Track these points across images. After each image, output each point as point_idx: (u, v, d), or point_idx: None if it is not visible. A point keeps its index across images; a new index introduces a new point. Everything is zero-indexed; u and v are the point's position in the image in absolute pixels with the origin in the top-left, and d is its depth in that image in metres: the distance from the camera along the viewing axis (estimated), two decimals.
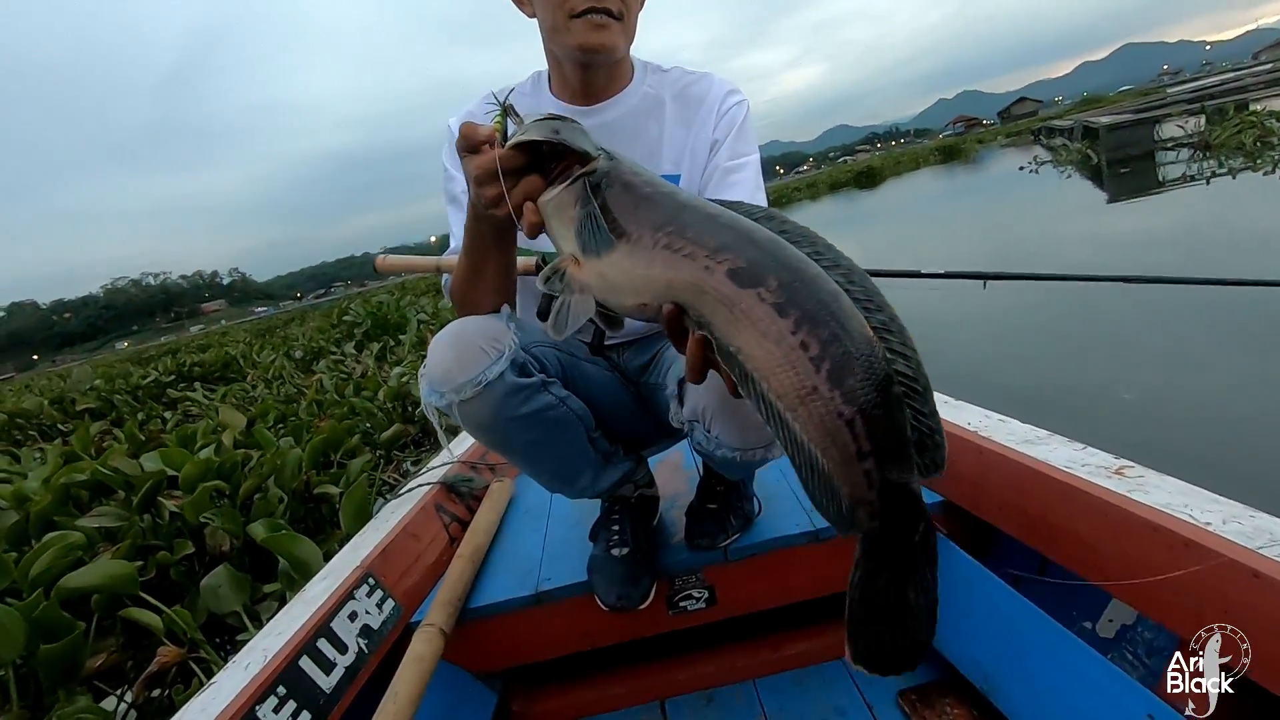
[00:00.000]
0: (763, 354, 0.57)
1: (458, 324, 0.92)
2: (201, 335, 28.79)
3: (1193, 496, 0.89)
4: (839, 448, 0.56)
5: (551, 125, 0.71)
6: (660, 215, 0.64)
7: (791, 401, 0.56)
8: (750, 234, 0.61)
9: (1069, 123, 16.82)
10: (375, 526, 1.33)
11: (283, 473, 2.52)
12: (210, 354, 10.49)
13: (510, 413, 0.91)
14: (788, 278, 0.57)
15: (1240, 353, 2.75)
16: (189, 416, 6.42)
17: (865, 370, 0.54)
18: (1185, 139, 10.05)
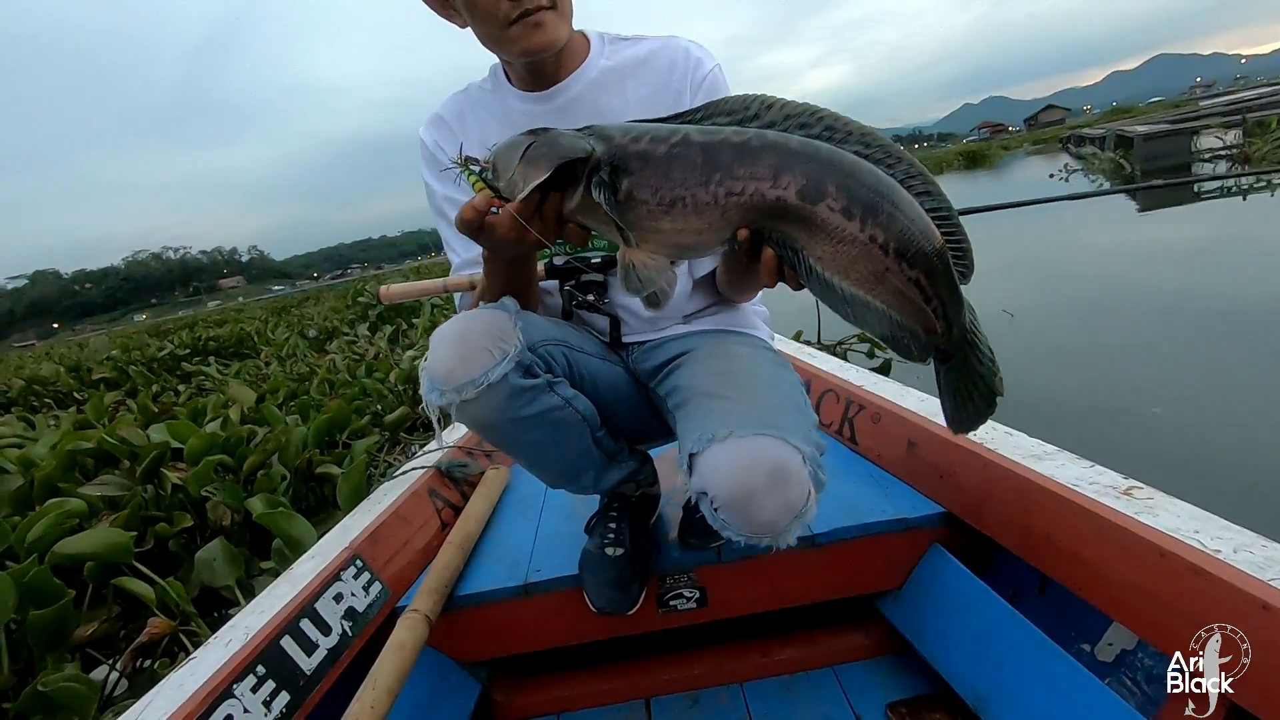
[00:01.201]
0: (841, 255, 0.68)
1: (461, 320, 0.90)
2: (218, 311, 29.14)
3: (1203, 522, 0.85)
4: (911, 302, 0.69)
5: (536, 152, 0.72)
6: (700, 167, 0.69)
7: (870, 285, 0.69)
8: (786, 145, 0.68)
9: (1100, 131, 16.53)
10: (367, 508, 1.32)
11: (287, 450, 2.53)
12: (226, 329, 10.61)
13: (513, 414, 0.89)
14: (840, 178, 0.66)
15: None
16: (202, 390, 6.49)
17: (919, 233, 0.66)
18: (1224, 150, 9.82)
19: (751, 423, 0.81)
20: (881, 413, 1.41)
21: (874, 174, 0.67)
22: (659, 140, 0.71)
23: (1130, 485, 1.00)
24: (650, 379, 1.10)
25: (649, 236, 0.73)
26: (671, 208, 0.70)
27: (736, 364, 0.99)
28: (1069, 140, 22.78)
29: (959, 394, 0.78)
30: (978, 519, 1.14)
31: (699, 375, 0.97)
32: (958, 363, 0.75)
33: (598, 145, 0.72)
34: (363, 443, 2.70)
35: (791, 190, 0.67)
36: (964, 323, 0.72)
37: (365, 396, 4.05)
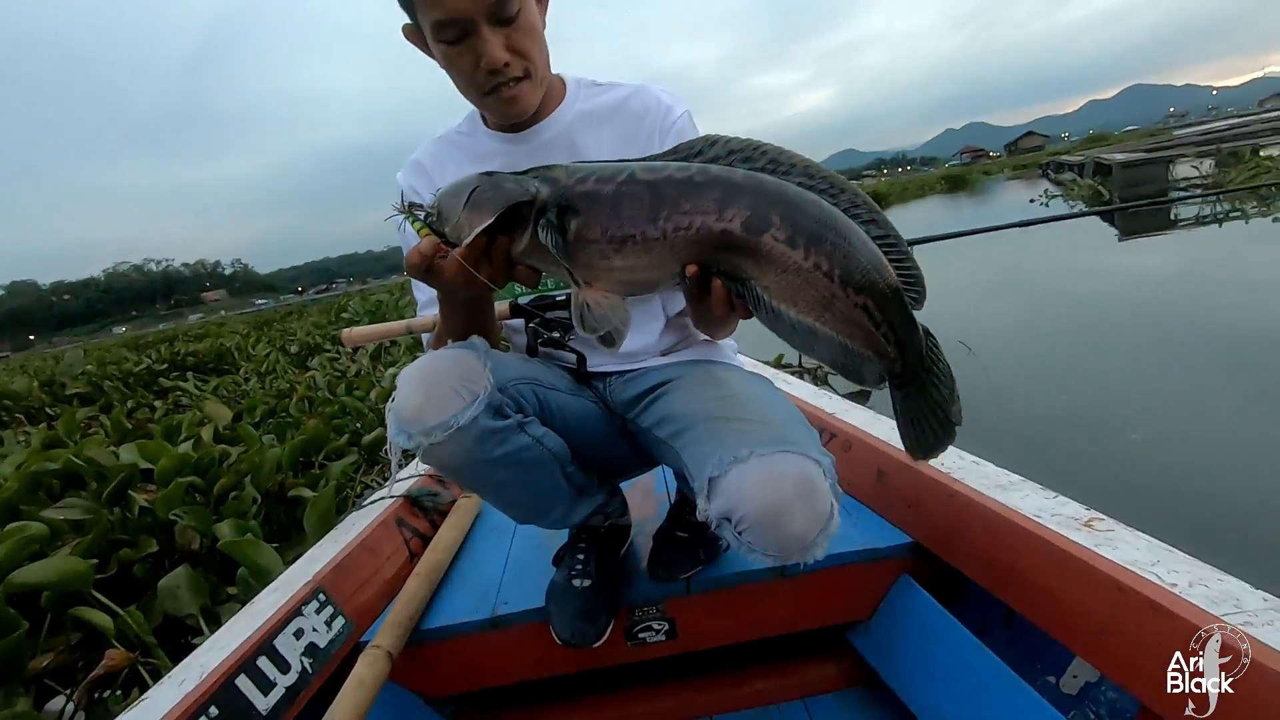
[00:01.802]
0: (787, 284, 0.70)
1: (429, 360, 0.88)
2: (199, 324, 28.75)
3: (1162, 554, 0.86)
4: (861, 328, 0.71)
5: (480, 197, 0.72)
6: (647, 204, 0.70)
7: (818, 313, 0.71)
8: (730, 179, 0.70)
9: (1079, 158, 16.91)
10: (333, 539, 1.30)
11: (260, 472, 2.49)
12: (205, 344, 10.48)
13: (483, 456, 0.88)
14: (784, 209, 0.68)
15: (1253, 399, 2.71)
16: (179, 406, 6.39)
17: (865, 260, 0.68)
18: (1199, 180, 10.06)
19: (769, 441, 0.80)
20: (852, 441, 1.42)
21: (817, 204, 0.69)
22: (605, 179, 0.72)
23: (1091, 516, 1.01)
24: (629, 409, 1.09)
25: (601, 275, 0.74)
26: (622, 245, 0.71)
27: (731, 388, 0.98)
28: (1048, 166, 23.29)
29: (916, 421, 0.79)
30: (945, 550, 1.14)
31: (695, 401, 0.96)
32: (915, 389, 0.76)
33: (543, 187, 0.73)
34: (338, 464, 2.67)
35: (736, 222, 0.69)
36: (918, 348, 0.73)
37: (345, 415, 4.01)
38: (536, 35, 0.97)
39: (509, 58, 0.92)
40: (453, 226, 0.73)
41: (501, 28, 0.91)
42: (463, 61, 0.93)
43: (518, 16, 0.92)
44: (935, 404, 0.77)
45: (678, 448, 0.92)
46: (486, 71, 0.93)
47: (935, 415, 0.78)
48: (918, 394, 0.77)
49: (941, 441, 0.79)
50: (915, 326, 0.73)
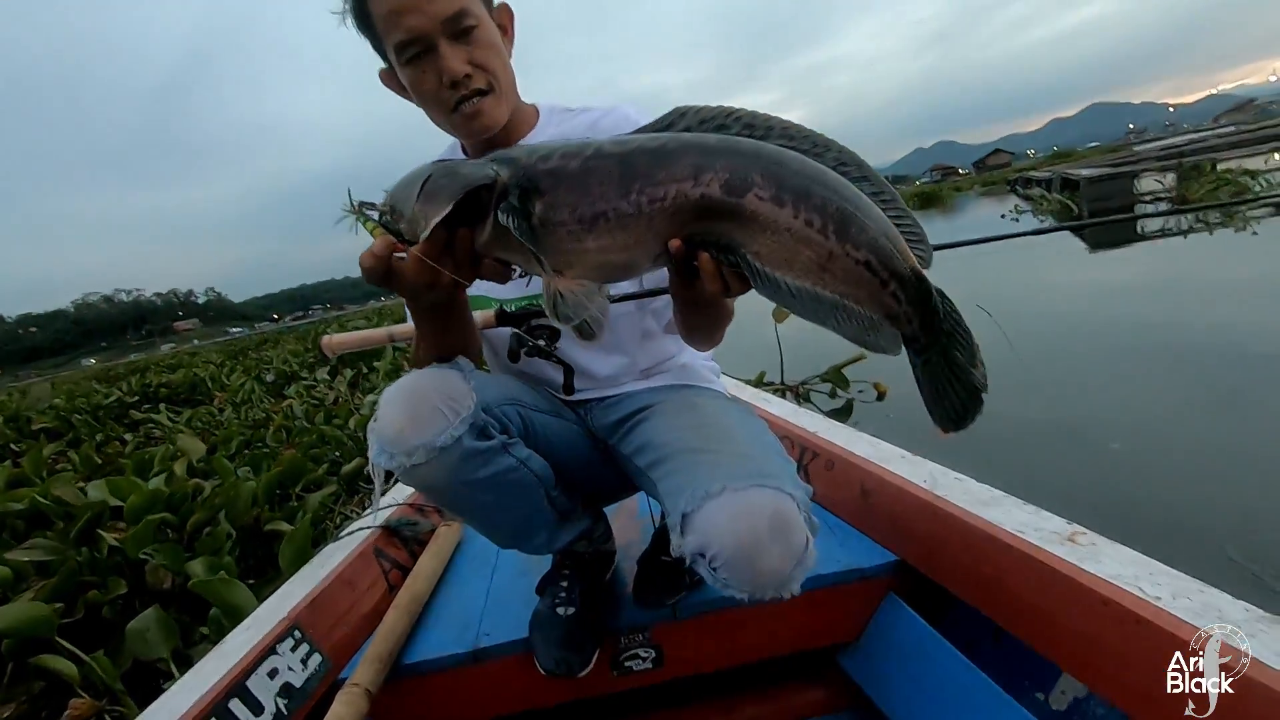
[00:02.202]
0: (779, 247, 0.64)
1: (413, 378, 0.87)
2: (171, 355, 28.16)
3: (1143, 567, 0.87)
4: (867, 287, 0.66)
5: (435, 185, 0.67)
6: (618, 178, 0.65)
7: (816, 274, 0.65)
8: (704, 143, 0.65)
9: (1046, 174, 17.38)
10: (308, 573, 1.27)
11: (235, 506, 2.43)
12: (178, 375, 10.28)
13: (466, 477, 0.86)
14: (765, 166, 0.63)
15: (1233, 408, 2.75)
16: (151, 439, 6.23)
17: (858, 212, 0.63)
18: (1163, 193, 10.36)
19: (742, 474, 0.79)
20: (835, 459, 1.42)
21: (800, 160, 0.65)
22: (570, 155, 0.67)
23: (1074, 531, 1.01)
24: (611, 435, 1.09)
25: (573, 260, 0.68)
26: (594, 225, 0.66)
27: (707, 416, 0.97)
28: (1016, 182, 23.88)
29: (939, 389, 0.72)
30: (930, 567, 1.14)
31: (672, 430, 0.95)
32: (935, 354, 0.70)
33: (502, 170, 0.68)
34: (316, 496, 2.61)
35: (715, 186, 0.63)
36: (933, 306, 0.68)
37: (324, 444, 3.93)
38: (497, 51, 0.98)
39: (469, 69, 0.94)
40: (408, 222, 0.68)
41: (460, 43, 0.93)
42: (427, 81, 0.95)
43: (475, 31, 0.94)
44: (958, 369, 0.71)
45: (654, 478, 0.91)
46: (448, 85, 0.94)
47: (960, 381, 0.71)
48: (939, 359, 0.70)
49: (969, 409, 0.72)
50: (926, 282, 0.67)
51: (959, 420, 0.73)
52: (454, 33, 0.92)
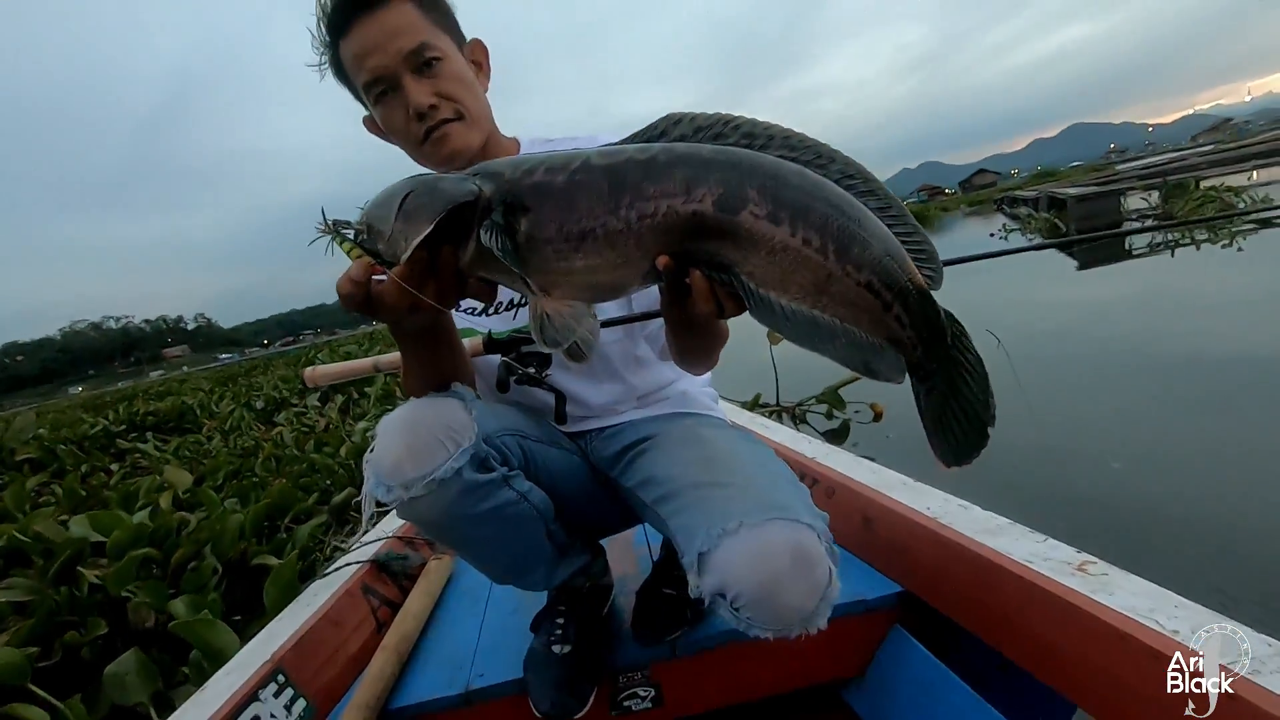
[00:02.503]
0: (774, 268, 0.61)
1: (411, 407, 0.84)
2: (160, 382, 27.84)
3: (1158, 600, 0.84)
4: (868, 310, 0.62)
5: (415, 203, 0.63)
6: (606, 192, 0.61)
7: (813, 297, 0.62)
8: (698, 154, 0.61)
9: (1033, 193, 17.64)
10: (293, 612, 1.22)
11: (221, 540, 2.37)
12: (166, 403, 10.14)
13: (464, 511, 0.83)
14: (761, 181, 0.60)
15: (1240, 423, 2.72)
16: (137, 469, 6.13)
17: (861, 230, 0.60)
18: (1149, 211, 10.50)
19: (757, 508, 0.75)
20: (836, 487, 1.39)
21: (800, 173, 0.61)
22: (555, 169, 0.63)
23: (1084, 560, 0.99)
24: (611, 466, 1.06)
25: (560, 280, 0.64)
26: (582, 242, 0.62)
27: (713, 447, 0.94)
28: (1003, 202, 24.20)
29: (943, 420, 0.68)
30: (937, 598, 1.11)
31: (677, 463, 0.92)
32: (940, 382, 0.66)
33: (485, 184, 0.64)
34: (305, 527, 2.55)
35: (708, 201, 0.60)
36: (940, 331, 0.64)
37: (314, 473, 3.87)
38: (466, 84, 0.98)
39: (435, 100, 0.93)
40: (387, 242, 0.64)
41: (424, 77, 0.93)
42: (396, 117, 0.95)
43: (439, 64, 0.94)
44: (965, 399, 0.67)
45: (663, 515, 0.88)
46: (415, 118, 0.93)
47: (966, 413, 0.67)
48: (944, 388, 0.66)
49: (973, 444, 0.68)
50: (934, 305, 0.64)
51: (962, 455, 0.69)
52: (417, 66, 0.92)
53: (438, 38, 0.95)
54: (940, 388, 0.66)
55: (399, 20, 0.92)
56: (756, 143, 0.64)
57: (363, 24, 0.91)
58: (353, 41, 0.92)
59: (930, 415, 0.68)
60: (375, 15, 0.91)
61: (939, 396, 0.67)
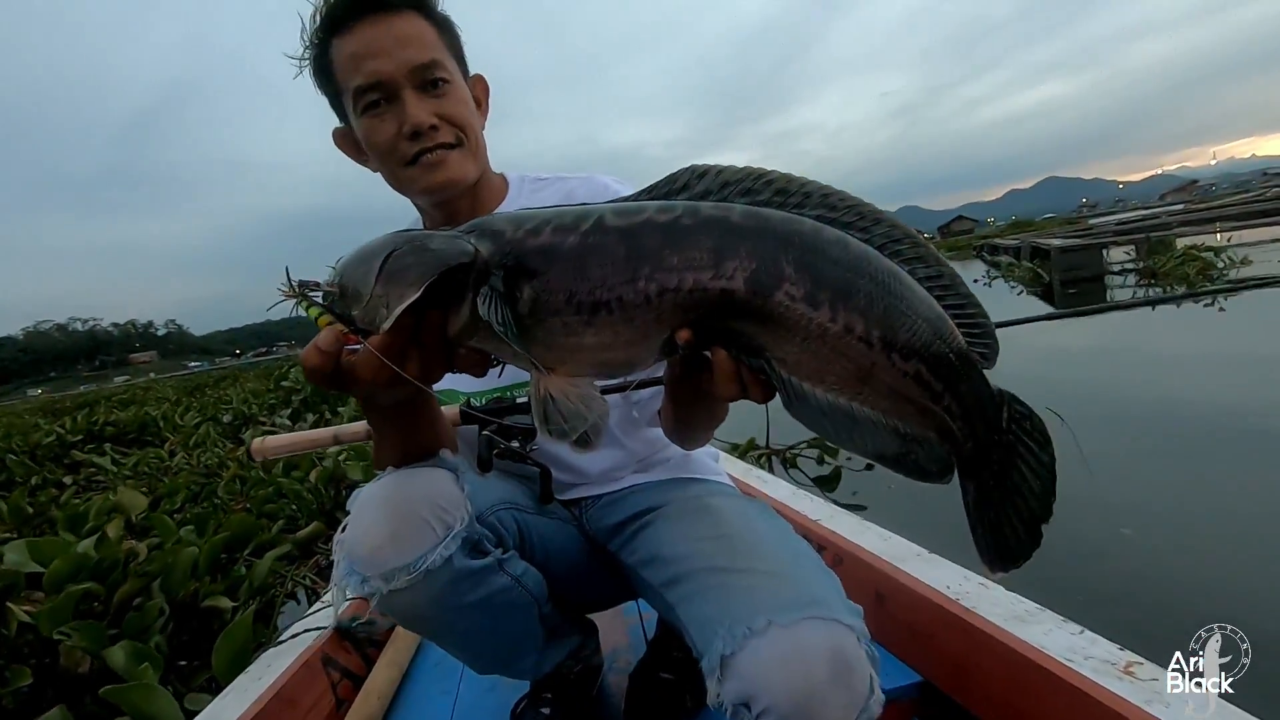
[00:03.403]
0: (811, 356, 0.54)
1: (395, 482, 0.73)
2: (123, 388, 26.99)
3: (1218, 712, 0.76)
4: (914, 403, 0.55)
5: (400, 263, 0.54)
6: (622, 259, 0.53)
7: (853, 389, 0.55)
8: (726, 219, 0.54)
9: (1014, 242, 18.05)
10: (242, 688, 1.08)
11: (172, 575, 2.19)
12: (128, 413, 9.78)
13: (452, 602, 0.73)
14: (800, 255, 0.53)
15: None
16: (92, 484, 5.84)
17: (909, 310, 0.53)
18: (1131, 264, 10.76)
19: (787, 604, 0.65)
20: (843, 555, 1.30)
21: (842, 243, 0.53)
22: (565, 229, 0.55)
23: (1129, 661, 0.90)
24: (611, 538, 0.96)
25: (567, 357, 0.56)
26: (594, 315, 0.54)
27: (725, 522, 0.83)
28: (982, 249, 24.70)
29: (991, 519, 0.59)
30: (959, 691, 1.02)
31: (687, 540, 0.82)
32: (992, 475, 0.58)
33: (482, 244, 0.56)
34: (265, 562, 2.37)
35: (739, 279, 0.52)
36: (993, 420, 0.57)
37: (280, 498, 3.68)
38: (469, 109, 0.90)
39: (436, 121, 0.85)
40: (364, 308, 0.55)
41: (427, 95, 0.85)
42: (384, 131, 0.85)
43: (446, 86, 0.86)
44: (1023, 495, 0.59)
45: (672, 601, 0.78)
46: (408, 136, 0.84)
47: (1021, 512, 0.59)
48: (998, 483, 0.59)
49: (1028, 546, 0.60)
50: (989, 391, 0.57)
51: (1011, 559, 0.60)
52: (422, 83, 0.84)
53: (448, 60, 0.88)
54: (993, 483, 0.59)
55: (410, 30, 0.84)
56: (791, 200, 0.56)
57: (369, 24, 0.83)
58: (353, 40, 0.83)
59: (979, 514, 0.60)
60: (385, 19, 0.83)
61: (992, 493, 0.59)
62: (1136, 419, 3.67)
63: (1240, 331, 5.44)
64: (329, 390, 0.61)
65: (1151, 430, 3.45)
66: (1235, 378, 4.17)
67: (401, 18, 0.84)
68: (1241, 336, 5.23)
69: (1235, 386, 3.98)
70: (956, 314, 0.56)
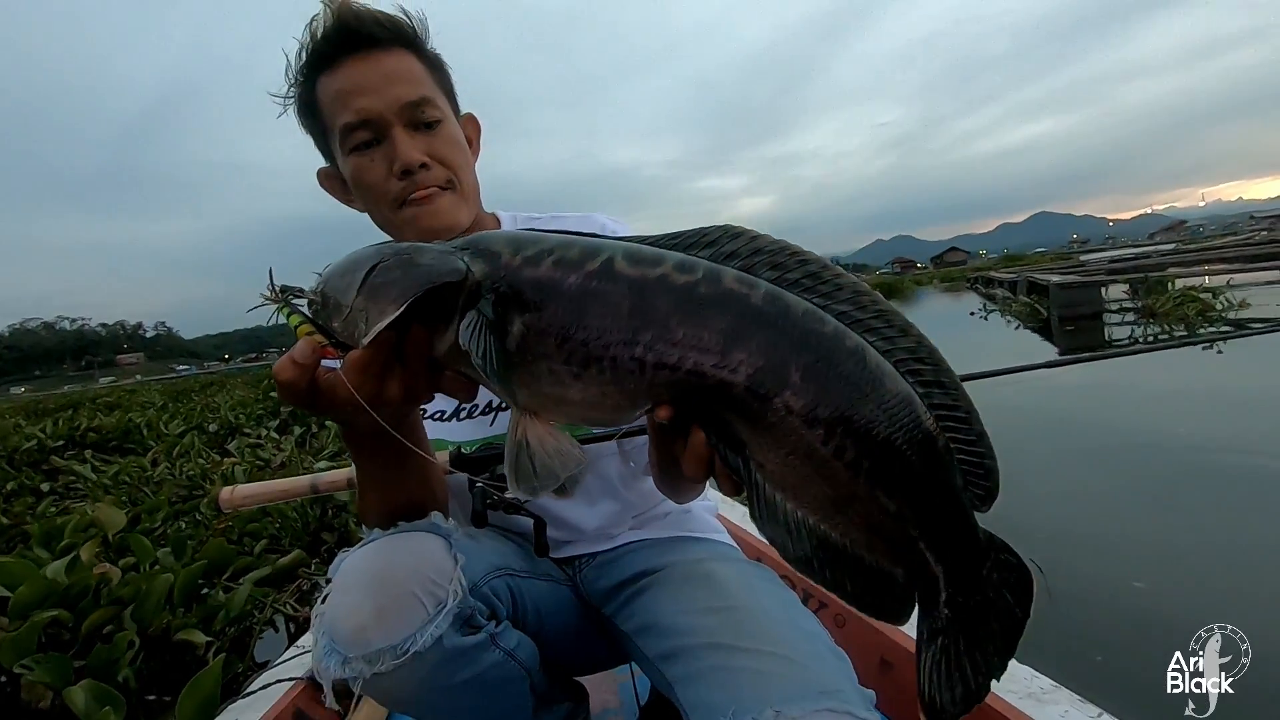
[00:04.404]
0: (790, 470, 0.50)
1: (380, 551, 0.68)
2: (108, 389, 26.62)
3: None
4: (887, 538, 0.52)
5: (384, 277, 0.50)
6: (626, 315, 0.50)
7: (827, 512, 0.51)
8: (747, 301, 0.50)
9: (1010, 275, 18.18)
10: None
11: (145, 603, 2.10)
12: (112, 419, 9.61)
13: (441, 684, 0.68)
14: (810, 361, 0.49)
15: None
16: (70, 492, 5.70)
17: (911, 443, 0.49)
18: (1130, 304, 10.88)
19: (797, 693, 0.61)
20: (846, 615, 1.25)
21: (858, 357, 0.50)
22: (570, 264, 0.51)
23: None
24: (606, 602, 0.91)
25: (549, 406, 0.52)
26: (584, 370, 0.50)
27: (728, 594, 0.78)
28: (976, 281, 24.94)
29: (949, 664, 0.54)
30: None
31: (687, 612, 0.77)
32: (956, 619, 0.54)
33: (475, 264, 0.52)
34: (240, 593, 2.28)
35: (742, 373, 0.49)
36: (972, 571, 0.53)
37: (264, 516, 3.59)
38: (462, 149, 0.87)
39: (427, 160, 0.81)
40: (345, 321, 0.51)
41: (418, 134, 0.82)
42: (373, 172, 0.82)
43: (439, 126, 0.83)
44: (985, 649, 0.54)
45: (671, 678, 0.73)
46: (398, 174, 0.80)
47: (975, 665, 0.54)
48: (961, 628, 0.54)
49: (971, 700, 0.55)
50: (975, 540, 0.53)
51: (951, 712, 0.56)
52: (413, 121, 0.82)
53: (439, 98, 0.85)
54: (956, 625, 0.54)
55: (400, 67, 0.82)
56: (821, 288, 0.52)
57: (357, 61, 0.80)
58: (340, 77, 0.80)
59: (934, 655, 0.54)
60: (374, 56, 0.80)
61: (953, 638, 0.54)
62: (1136, 457, 3.63)
63: (1239, 371, 5.45)
64: (304, 410, 0.57)
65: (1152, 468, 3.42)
66: (1232, 415, 4.16)
67: (391, 55, 0.81)
68: (1239, 376, 5.24)
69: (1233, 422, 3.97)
70: (963, 450, 0.52)
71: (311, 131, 0.88)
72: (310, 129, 0.87)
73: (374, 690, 0.67)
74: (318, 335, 0.53)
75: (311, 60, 0.82)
